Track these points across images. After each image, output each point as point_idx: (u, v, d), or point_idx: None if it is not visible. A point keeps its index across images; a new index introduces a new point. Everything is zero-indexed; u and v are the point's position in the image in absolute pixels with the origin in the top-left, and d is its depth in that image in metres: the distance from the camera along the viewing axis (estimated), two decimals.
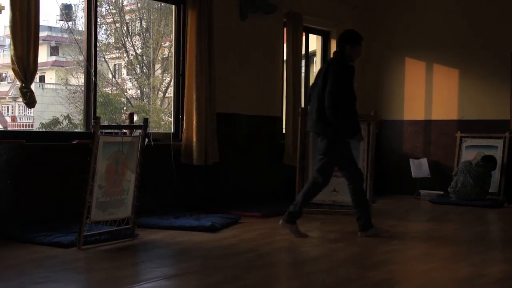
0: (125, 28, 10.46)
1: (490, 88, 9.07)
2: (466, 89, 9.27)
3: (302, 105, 8.93)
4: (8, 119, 13.75)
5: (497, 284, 4.20)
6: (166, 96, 10.70)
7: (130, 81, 11.00)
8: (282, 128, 8.75)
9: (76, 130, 7.06)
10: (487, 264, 4.85)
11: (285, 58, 8.74)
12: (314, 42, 9.81)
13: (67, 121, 7.56)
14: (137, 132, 5.61)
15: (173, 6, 7.50)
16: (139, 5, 10.63)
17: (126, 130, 5.79)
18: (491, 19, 9.07)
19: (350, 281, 4.22)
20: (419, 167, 9.27)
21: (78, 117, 7.21)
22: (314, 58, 9.99)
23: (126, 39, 10.48)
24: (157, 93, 10.52)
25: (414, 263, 5.01)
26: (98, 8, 6.84)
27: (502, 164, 8.82)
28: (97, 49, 6.78)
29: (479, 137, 9.12)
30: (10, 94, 13.87)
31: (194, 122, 7.12)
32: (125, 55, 10.61)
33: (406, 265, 4.92)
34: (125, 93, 9.65)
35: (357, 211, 5.93)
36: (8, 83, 13.43)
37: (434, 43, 9.48)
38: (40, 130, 9.33)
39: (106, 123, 8.12)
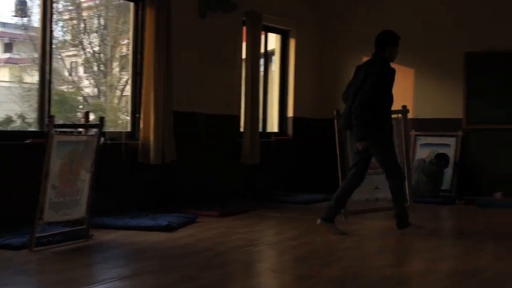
0: (82, 25, 10.33)
1: (444, 87, 9.23)
2: (421, 88, 9.42)
3: (261, 104, 8.98)
4: None
5: (448, 279, 4.29)
6: (123, 94, 10.59)
7: (87, 79, 10.85)
8: (240, 126, 8.77)
9: (30, 129, 6.94)
10: (439, 260, 4.95)
11: (244, 56, 8.76)
12: (273, 41, 9.85)
13: (20, 120, 7.42)
14: (93, 131, 5.56)
15: (131, 4, 7.45)
16: (97, 1, 10.49)
17: (81, 129, 5.72)
18: (446, 20, 9.23)
19: (305, 278, 4.27)
20: None
21: (32, 116, 7.09)
22: (273, 57, 10.03)
23: (83, 37, 10.36)
24: (115, 91, 10.42)
25: (369, 259, 5.08)
26: (55, 4, 6.73)
27: (454, 162, 9.00)
28: (53, 46, 6.69)
29: (433, 135, 9.29)
30: None
31: (152, 120, 7.09)
32: (82, 52, 10.46)
33: (361, 262, 4.98)
34: (82, 91, 9.54)
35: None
36: None
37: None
38: None
39: (61, 121, 8.02)
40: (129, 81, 7.69)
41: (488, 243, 5.62)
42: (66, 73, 10.30)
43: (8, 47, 10.23)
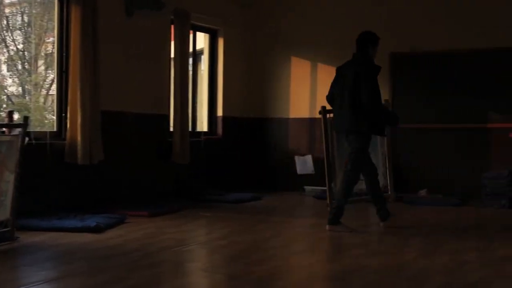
0: (5, 22, 10.03)
1: None
2: None
3: (190, 103, 8.94)
4: None
5: (375, 274, 4.38)
6: (49, 93, 10.34)
7: (11, 78, 10.53)
8: (169, 126, 8.70)
9: None
10: (367, 256, 5.04)
11: (172, 55, 8.70)
12: (202, 40, 9.82)
13: None
14: (17, 130, 5.40)
15: (56, 1, 7.28)
16: None
17: (4, 129, 5.55)
18: (371, 20, 9.40)
19: (236, 277, 4.27)
20: (304, 164, 9.50)
21: None
22: (202, 56, 10.00)
23: (6, 34, 10.06)
24: (40, 90, 10.16)
25: (297, 258, 5.13)
26: None
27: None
28: None
29: None
30: None
31: (79, 120, 6.95)
32: (5, 50, 10.14)
33: (289, 260, 5.03)
34: (5, 90, 9.26)
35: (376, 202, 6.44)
36: None
37: (319, 43, 9.73)
38: None
39: None
40: (55, 80, 7.51)
41: (414, 239, 5.77)
42: None
43: None
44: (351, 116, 6.12)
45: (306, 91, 9.86)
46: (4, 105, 9.03)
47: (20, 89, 9.90)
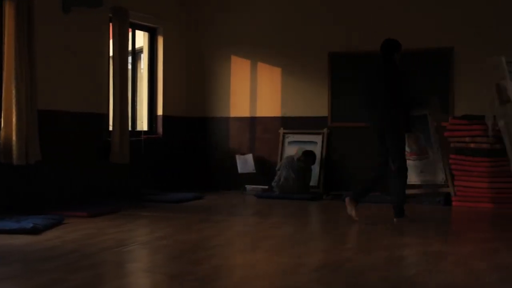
0: None
1: (311, 86, 9.52)
2: (288, 87, 9.66)
3: (130, 102, 8.84)
4: None
5: (316, 272, 4.43)
6: None
7: None
8: (108, 125, 8.58)
9: None
10: (307, 254, 5.10)
11: (111, 54, 8.58)
12: (141, 39, 9.72)
13: None
14: None
15: None
16: None
17: None
18: (311, 20, 9.52)
19: (177, 277, 4.25)
20: (245, 163, 9.53)
21: None
22: (141, 55, 9.91)
23: None
24: None
25: (239, 256, 5.15)
26: None
27: (321, 158, 9.31)
28: None
29: (300, 133, 9.55)
30: None
31: (14, 119, 6.78)
32: None
33: (231, 259, 5.04)
34: None
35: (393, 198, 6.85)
36: None
37: (258, 42, 9.77)
38: None
39: None
40: None
41: (353, 236, 5.87)
42: None
43: None
44: (388, 116, 6.66)
45: (246, 90, 9.89)
46: None
47: None
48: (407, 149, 7.37)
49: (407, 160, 7.14)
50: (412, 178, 8.09)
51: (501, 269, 4.50)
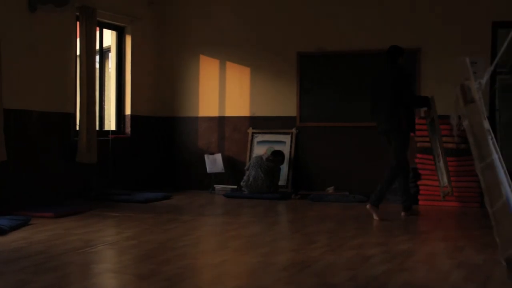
0: None
1: (279, 86, 9.55)
2: (257, 87, 9.67)
3: (97, 101, 8.77)
4: None
5: (284, 271, 4.45)
6: None
7: None
8: (76, 124, 8.50)
9: None
10: (275, 253, 5.12)
11: (78, 53, 8.50)
12: (109, 37, 9.65)
13: None
14: None
15: None
16: None
17: None
18: (280, 20, 9.55)
19: (145, 277, 4.23)
20: (214, 163, 9.52)
21: None
22: (109, 54, 9.83)
23: None
24: None
25: (207, 256, 5.15)
26: None
27: (289, 158, 9.35)
28: None
29: (269, 133, 9.58)
30: None
31: None
32: None
33: (199, 259, 5.04)
34: None
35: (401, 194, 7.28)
36: None
37: (227, 42, 9.77)
38: None
39: None
40: None
41: (321, 236, 5.89)
42: None
43: None
44: (392, 118, 7.04)
45: (215, 89, 9.88)
46: None
47: None
48: None
49: None
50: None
51: (466, 267, 4.57)
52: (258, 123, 9.65)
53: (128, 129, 9.61)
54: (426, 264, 4.75)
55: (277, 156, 9.13)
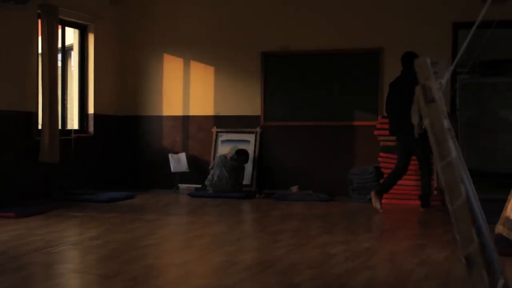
0: None
1: (244, 85, 9.56)
2: (221, 86, 9.67)
3: (59, 100, 8.66)
4: None
5: (248, 270, 4.46)
6: None
7: None
8: (38, 123, 8.40)
9: None
10: (240, 252, 5.13)
11: (40, 51, 8.40)
12: (71, 36, 9.55)
13: None
14: None
15: None
16: None
17: None
18: (244, 20, 9.56)
19: (108, 277, 4.21)
20: (178, 162, 9.49)
21: None
22: (72, 52, 9.73)
23: None
24: None
25: (172, 256, 5.13)
26: None
27: (254, 157, 9.37)
28: None
29: (233, 132, 9.59)
30: None
31: None
32: None
33: (164, 259, 5.02)
34: None
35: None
36: None
37: (191, 41, 9.75)
38: None
39: None
40: None
41: (285, 235, 5.92)
42: None
43: None
44: (407, 122, 7.21)
45: (179, 88, 9.84)
46: None
47: None
48: None
49: None
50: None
51: (427, 265, 4.64)
52: (222, 122, 9.65)
53: (91, 128, 9.53)
54: (389, 262, 4.81)
55: (241, 155, 9.15)
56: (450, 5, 8.64)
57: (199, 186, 9.43)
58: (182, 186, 9.48)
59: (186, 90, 9.81)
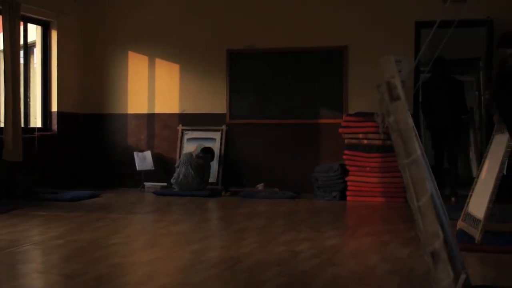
0: None
1: (209, 83, 9.54)
2: (186, 84, 9.64)
3: (22, 98, 8.55)
4: None
5: (214, 268, 4.47)
6: None
7: None
8: (0, 122, 8.26)
9: None
10: (206, 250, 5.13)
11: (1, 48, 8.27)
12: (34, 32, 9.42)
13: None
14: None
15: None
16: None
17: None
18: (210, 17, 9.54)
19: (72, 277, 4.17)
20: (144, 160, 9.44)
21: None
22: (35, 49, 9.60)
23: None
24: None
25: (138, 254, 5.10)
26: None
27: (220, 155, 9.37)
28: None
29: (199, 130, 9.57)
30: None
31: None
32: None
33: (130, 258, 4.99)
34: None
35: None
36: None
37: (156, 38, 9.69)
38: None
39: None
40: None
41: (251, 232, 5.94)
42: None
43: None
44: (452, 116, 8.19)
45: (144, 86, 9.79)
46: None
47: None
48: None
49: None
50: None
51: (391, 261, 4.70)
52: (188, 120, 9.63)
53: (55, 126, 9.42)
54: (353, 259, 4.86)
55: (206, 153, 9.13)
56: (413, 4, 8.74)
57: (165, 184, 9.40)
58: (147, 184, 9.43)
59: (152, 88, 9.76)
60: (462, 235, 5.39)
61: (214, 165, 9.30)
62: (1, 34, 8.21)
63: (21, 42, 8.58)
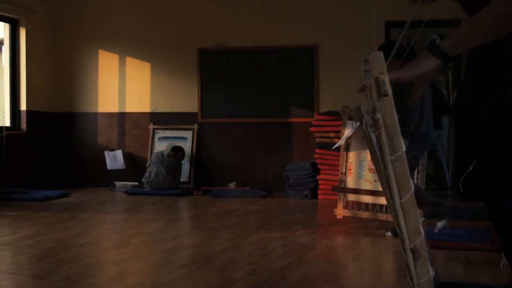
0: None
1: (180, 82, 9.51)
2: (157, 83, 9.60)
3: None
4: None
5: (185, 267, 4.46)
6: None
7: None
8: None
9: None
10: (177, 249, 5.12)
11: None
12: (2, 30, 9.29)
13: None
14: None
15: None
16: None
17: None
18: (180, 15, 9.51)
19: (41, 278, 4.13)
20: (114, 159, 9.37)
21: None
22: (3, 47, 9.47)
23: None
24: None
25: (108, 254, 5.07)
26: None
27: (191, 154, 9.34)
28: None
29: (170, 128, 9.53)
30: None
31: None
32: None
33: (100, 257, 4.96)
34: None
35: None
36: None
37: (127, 36, 9.64)
38: None
39: None
40: None
41: (222, 231, 5.93)
42: None
43: None
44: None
45: (114, 85, 9.72)
46: None
47: None
48: None
49: None
50: None
51: (362, 260, 4.74)
52: (159, 119, 9.59)
53: (23, 125, 9.30)
54: (324, 257, 4.88)
55: (177, 151, 9.11)
56: (382, 4, 8.80)
57: (136, 183, 9.34)
58: (118, 183, 9.36)
59: (122, 86, 9.70)
60: (429, 232, 5.45)
61: (186, 164, 9.27)
62: None
63: None
